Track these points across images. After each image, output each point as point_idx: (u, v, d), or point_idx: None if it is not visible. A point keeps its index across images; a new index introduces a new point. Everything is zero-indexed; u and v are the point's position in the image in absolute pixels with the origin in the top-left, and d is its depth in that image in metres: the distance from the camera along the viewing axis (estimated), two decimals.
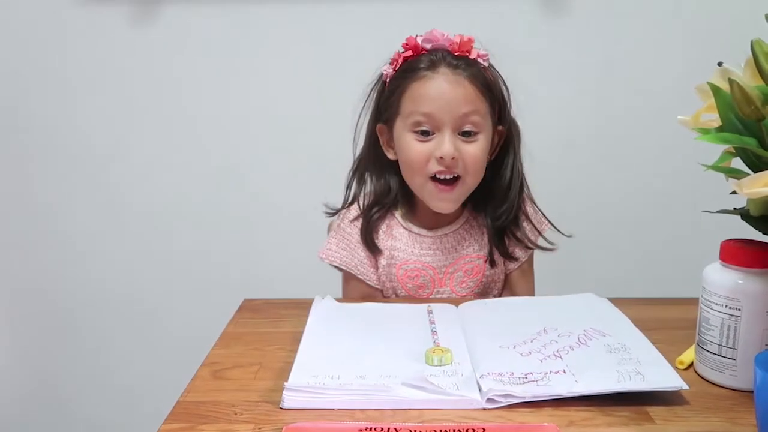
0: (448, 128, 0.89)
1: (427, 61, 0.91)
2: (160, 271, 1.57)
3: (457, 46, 0.91)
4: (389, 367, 0.68)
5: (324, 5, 1.43)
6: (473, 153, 0.91)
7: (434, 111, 0.89)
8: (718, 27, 1.38)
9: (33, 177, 1.54)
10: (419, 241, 0.98)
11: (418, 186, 0.94)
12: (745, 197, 0.64)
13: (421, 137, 0.91)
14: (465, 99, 0.89)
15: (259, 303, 0.91)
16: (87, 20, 1.45)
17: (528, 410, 0.62)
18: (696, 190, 1.10)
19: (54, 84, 1.49)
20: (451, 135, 0.90)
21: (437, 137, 0.90)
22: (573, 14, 1.42)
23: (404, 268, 0.98)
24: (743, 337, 0.65)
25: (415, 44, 0.93)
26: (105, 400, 1.63)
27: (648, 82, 1.44)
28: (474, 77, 0.90)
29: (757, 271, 0.64)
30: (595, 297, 0.88)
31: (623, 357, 0.69)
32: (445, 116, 0.89)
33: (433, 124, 0.90)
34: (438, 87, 0.89)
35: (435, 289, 0.98)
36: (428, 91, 0.89)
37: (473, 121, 0.90)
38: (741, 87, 0.53)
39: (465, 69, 0.90)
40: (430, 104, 0.89)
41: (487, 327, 0.79)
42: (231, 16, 1.44)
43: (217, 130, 1.50)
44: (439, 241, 0.98)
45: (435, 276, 0.98)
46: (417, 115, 0.90)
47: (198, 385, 0.68)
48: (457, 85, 0.89)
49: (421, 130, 0.91)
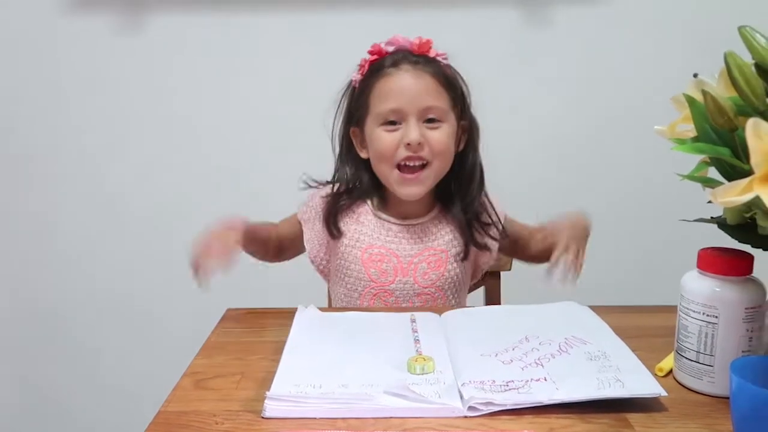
0: (414, 117, 0.95)
1: (391, 61, 0.98)
2: (144, 280, 1.56)
3: (417, 47, 0.98)
4: (371, 375, 0.68)
5: (314, 15, 1.44)
6: (438, 137, 0.96)
7: (400, 104, 0.95)
8: (696, 38, 1.40)
9: (26, 182, 1.54)
10: (386, 227, 1.01)
11: (385, 175, 0.99)
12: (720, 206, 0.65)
13: (389, 127, 0.96)
14: (427, 91, 0.96)
15: (242, 312, 0.91)
16: (77, 28, 1.45)
17: (509, 417, 0.62)
18: (676, 199, 1.11)
19: (46, 90, 1.49)
20: (417, 122, 0.95)
21: (404, 126, 0.96)
22: (555, 26, 1.45)
23: (369, 252, 1.00)
24: (720, 344, 0.65)
25: (379, 49, 1.00)
26: (89, 408, 1.62)
27: (627, 92, 1.46)
28: (435, 72, 0.97)
29: (733, 279, 0.66)
30: (577, 305, 0.88)
31: (603, 364, 0.70)
32: (410, 107, 0.95)
33: (399, 115, 0.96)
34: (401, 81, 0.96)
35: (398, 277, 1.00)
36: (393, 86, 0.96)
37: (436, 110, 0.96)
38: (714, 98, 0.54)
39: (425, 65, 0.97)
40: (396, 98, 0.95)
41: (470, 335, 0.80)
42: (219, 23, 1.45)
43: (206, 136, 1.51)
44: (405, 230, 1.01)
45: (399, 264, 1.00)
46: (384, 109, 0.96)
47: (180, 394, 0.68)
48: (419, 79, 0.96)
49: (389, 120, 0.96)
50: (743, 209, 0.62)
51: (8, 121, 1.51)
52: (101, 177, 1.53)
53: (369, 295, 1.01)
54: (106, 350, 1.60)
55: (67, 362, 1.61)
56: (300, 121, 1.38)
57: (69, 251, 1.56)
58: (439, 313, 0.88)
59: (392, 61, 0.97)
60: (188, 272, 1.54)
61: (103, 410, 1.62)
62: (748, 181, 0.52)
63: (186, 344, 1.09)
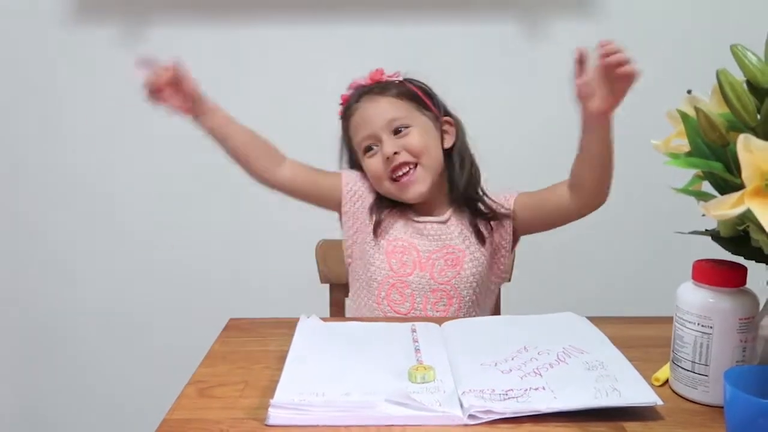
0: (384, 134, 1.05)
1: (353, 100, 1.10)
2: (146, 290, 1.57)
3: (370, 80, 1.10)
4: (373, 384, 0.69)
5: (315, 29, 1.46)
6: (410, 140, 1.04)
7: (368, 130, 1.06)
8: (690, 53, 1.43)
9: (20, 194, 1.55)
10: (410, 224, 1.08)
11: (386, 191, 1.07)
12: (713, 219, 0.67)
13: (370, 153, 1.07)
14: (386, 108, 1.06)
15: (245, 322, 0.92)
16: (78, 39, 1.47)
17: (508, 426, 0.63)
18: (672, 211, 1.13)
19: (47, 101, 1.51)
20: (388, 137, 1.05)
21: (380, 146, 1.05)
22: (551, 39, 1.47)
23: (394, 244, 1.07)
24: (715, 354, 0.67)
25: (345, 97, 1.12)
26: (91, 418, 1.62)
27: (622, 106, 1.48)
28: (387, 91, 1.08)
29: (727, 290, 0.67)
30: (575, 315, 0.90)
31: (601, 374, 0.71)
32: (376, 128, 1.05)
33: (372, 139, 1.06)
34: (364, 111, 1.07)
35: (416, 270, 1.05)
36: (359, 118, 1.07)
37: (399, 120, 1.05)
38: (707, 115, 0.56)
39: (380, 90, 1.08)
40: (364, 126, 1.06)
41: (469, 345, 0.81)
42: (219, 36, 1.47)
43: (207, 147, 1.52)
44: (426, 227, 1.07)
45: (418, 258, 1.05)
46: (359, 139, 1.07)
47: (184, 403, 0.69)
48: (375, 103, 1.07)
49: (367, 146, 1.06)
50: (736, 222, 0.64)
51: (8, 131, 1.52)
52: (92, 194, 1.54)
53: (387, 285, 1.05)
54: (92, 366, 1.60)
55: (62, 374, 1.61)
56: (302, 132, 1.40)
57: (66, 262, 1.57)
58: (440, 324, 0.89)
59: (354, 100, 1.09)
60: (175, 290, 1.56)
61: (100, 423, 1.62)
62: (739, 195, 0.53)
63: (172, 362, 1.10)
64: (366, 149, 1.07)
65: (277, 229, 1.51)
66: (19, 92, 1.51)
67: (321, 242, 1.21)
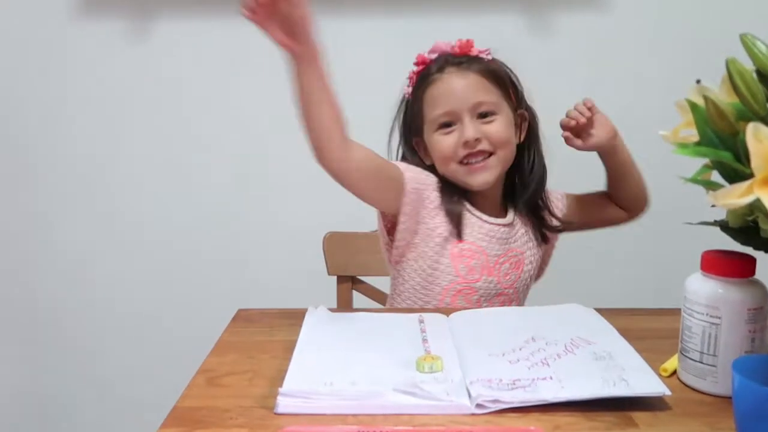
0: (467, 115, 0.98)
1: (435, 67, 1.01)
2: (154, 281, 1.58)
3: (459, 49, 1.01)
4: (381, 373, 0.69)
5: (319, 23, 1.46)
6: (495, 128, 0.98)
7: (450, 106, 0.98)
8: (697, 44, 1.42)
9: (27, 186, 1.56)
10: (478, 225, 1.02)
11: (452, 172, 1.01)
12: (723, 209, 0.66)
13: (445, 130, 0.99)
14: (475, 88, 0.98)
15: (254, 313, 0.93)
16: (84, 33, 1.47)
17: (515, 415, 0.63)
18: (681, 203, 1.13)
19: (53, 94, 1.51)
20: (471, 120, 0.98)
21: (459, 126, 0.98)
22: (557, 33, 1.46)
23: (460, 247, 1.00)
24: (723, 345, 0.67)
25: (423, 58, 1.03)
26: (99, 408, 1.63)
27: (629, 98, 1.47)
28: (480, 69, 1.00)
29: (736, 280, 0.67)
30: (582, 307, 0.90)
31: (608, 364, 0.71)
32: (461, 107, 0.97)
33: (452, 116, 0.98)
34: (448, 84, 0.99)
35: (483, 276, 1.01)
36: (441, 90, 0.99)
37: (487, 104, 0.99)
38: (715, 103, 0.55)
39: (469, 64, 1.00)
40: (446, 101, 0.98)
41: (477, 336, 0.81)
42: (225, 31, 1.47)
43: (212, 141, 1.53)
44: (495, 229, 1.02)
45: (486, 262, 1.01)
46: (437, 114, 0.99)
47: (193, 391, 0.69)
48: (465, 78, 0.99)
49: (444, 122, 0.99)
50: (745, 212, 0.63)
51: (14, 126, 1.53)
52: (100, 185, 1.55)
53: (452, 291, 1.01)
54: (101, 357, 1.61)
55: (73, 366, 1.62)
56: (295, 133, 1.40)
57: (73, 254, 1.58)
58: (447, 314, 0.89)
59: (437, 67, 1.00)
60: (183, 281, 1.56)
61: (97, 418, 1.63)
62: (748, 184, 0.53)
63: (181, 353, 1.11)
64: (442, 125, 0.99)
65: (285, 222, 1.52)
66: (24, 87, 1.51)
67: (328, 234, 1.21)
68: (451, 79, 0.99)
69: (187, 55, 1.49)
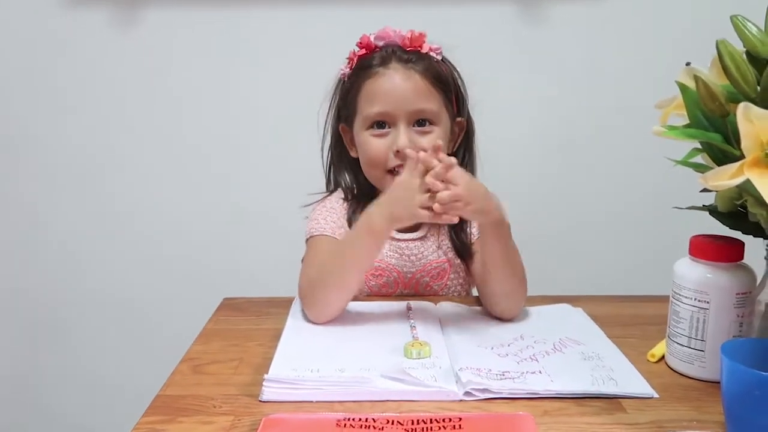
0: (403, 122, 0.90)
1: (379, 58, 0.92)
2: (142, 272, 1.56)
3: (409, 42, 0.93)
4: (368, 360, 0.69)
5: (311, 10, 1.44)
6: (428, 142, 0.89)
7: (388, 107, 0.90)
8: (691, 33, 1.41)
9: (19, 179, 1.53)
10: (387, 242, 0.93)
11: (377, 180, 0.94)
12: (712, 194, 0.66)
13: (377, 131, 0.91)
14: (417, 93, 0.90)
15: (240, 301, 0.91)
16: (73, 22, 1.45)
17: (503, 401, 0.63)
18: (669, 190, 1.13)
19: (41, 85, 1.48)
20: (406, 128, 0.90)
21: (393, 132, 0.91)
22: (552, 24, 1.46)
23: None
24: (711, 329, 0.66)
25: (368, 42, 0.94)
26: (84, 396, 1.62)
27: (622, 87, 1.47)
28: (425, 71, 0.91)
29: (724, 265, 0.67)
30: (570, 307, 0.88)
31: (597, 364, 0.71)
32: (398, 111, 0.90)
33: (387, 118, 0.91)
34: (390, 83, 0.90)
35: (399, 288, 0.96)
36: (381, 87, 0.90)
37: (427, 113, 0.91)
38: (706, 83, 0.55)
39: (416, 63, 0.91)
40: (384, 101, 0.90)
41: (465, 328, 0.81)
42: (215, 19, 1.45)
43: (201, 132, 1.51)
44: (404, 246, 0.96)
45: (399, 278, 0.96)
46: (372, 113, 0.91)
47: (177, 379, 0.68)
48: (408, 80, 0.90)
49: (377, 122, 0.91)
50: (734, 196, 0.63)
51: (2, 115, 1.50)
52: (95, 172, 1.52)
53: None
54: (87, 346, 1.59)
55: (53, 354, 1.61)
56: (300, 118, 1.38)
57: (63, 246, 1.55)
58: (435, 303, 0.88)
59: (381, 59, 0.92)
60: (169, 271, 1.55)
61: (81, 406, 1.62)
62: (738, 165, 0.53)
63: (166, 343, 1.09)
64: (374, 124, 0.92)
65: (273, 210, 1.50)
66: (12, 77, 1.48)
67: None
68: (393, 78, 0.90)
69: (176, 44, 1.47)
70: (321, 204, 0.99)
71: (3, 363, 1.62)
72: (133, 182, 1.53)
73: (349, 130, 0.98)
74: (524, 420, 0.59)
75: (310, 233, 0.95)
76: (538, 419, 0.59)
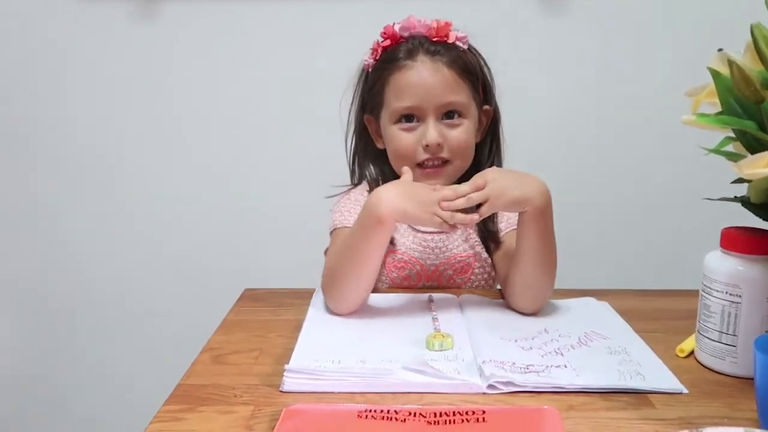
0: (432, 116, 0.90)
1: (406, 50, 0.91)
2: (161, 264, 1.57)
3: (435, 32, 0.92)
4: (390, 351, 0.68)
5: (324, 4, 1.43)
6: (458, 137, 0.91)
7: (417, 102, 0.89)
8: (715, 22, 1.38)
9: (28, 174, 1.55)
10: (411, 235, 0.95)
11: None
12: (745, 186, 0.64)
13: (406, 124, 0.91)
14: (445, 86, 0.89)
15: (261, 292, 0.91)
16: (86, 16, 1.46)
17: (528, 395, 0.62)
18: (700, 182, 1.10)
19: (51, 79, 1.50)
20: (435, 122, 0.90)
21: (422, 125, 0.91)
22: (571, 13, 1.43)
23: (393, 256, 0.94)
24: (743, 324, 0.65)
25: (392, 33, 0.93)
26: (106, 387, 1.63)
27: (646, 76, 1.45)
28: (453, 62, 0.90)
29: (757, 257, 0.65)
30: (596, 301, 0.86)
31: (624, 359, 0.69)
32: (427, 105, 0.89)
33: (416, 112, 0.91)
34: (418, 76, 0.89)
35: (421, 281, 0.95)
36: (409, 81, 0.90)
37: (456, 106, 0.90)
38: (740, 68, 0.53)
39: (443, 55, 0.90)
40: (412, 95, 0.90)
41: (488, 320, 0.79)
42: (231, 13, 1.45)
43: (219, 124, 1.51)
44: (429, 238, 0.95)
45: (422, 271, 0.95)
46: (401, 107, 0.91)
47: (198, 369, 0.68)
48: (437, 73, 0.89)
49: (405, 115, 0.91)
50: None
51: (17, 107, 1.51)
52: (105, 170, 1.53)
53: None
54: (108, 338, 1.60)
55: (73, 345, 1.62)
56: (309, 109, 1.38)
57: (73, 241, 1.56)
58: (457, 295, 0.87)
59: (407, 52, 0.91)
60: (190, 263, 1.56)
61: (103, 396, 1.63)
62: None
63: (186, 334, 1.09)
64: (402, 118, 0.91)
65: (295, 201, 1.50)
66: (28, 71, 1.50)
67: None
68: (422, 71, 0.89)
69: (194, 38, 1.47)
70: (345, 196, 0.99)
71: (25, 358, 1.64)
72: (152, 173, 1.54)
73: (374, 121, 0.97)
74: (549, 414, 0.57)
75: (333, 225, 0.94)
76: (564, 414, 0.58)
